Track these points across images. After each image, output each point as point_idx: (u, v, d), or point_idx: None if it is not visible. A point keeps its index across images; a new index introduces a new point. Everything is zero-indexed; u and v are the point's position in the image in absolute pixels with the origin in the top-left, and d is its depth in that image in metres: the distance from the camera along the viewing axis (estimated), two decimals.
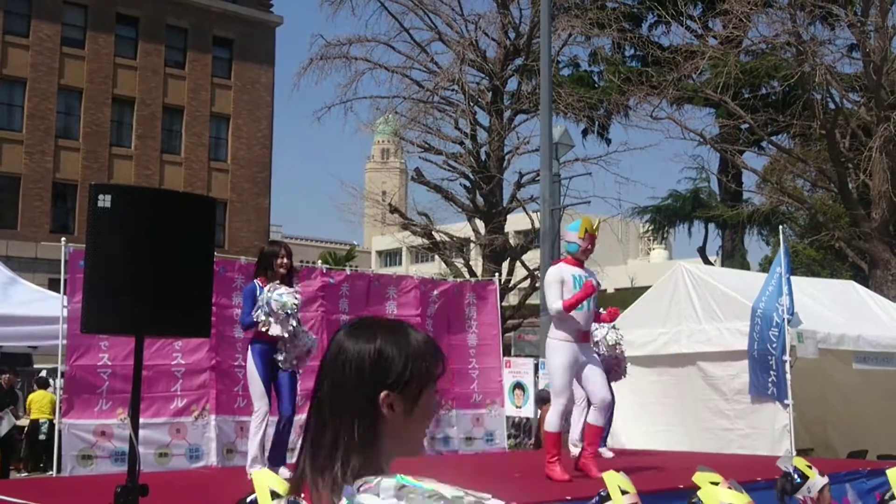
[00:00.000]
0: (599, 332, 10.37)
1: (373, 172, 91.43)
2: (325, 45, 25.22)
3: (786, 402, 11.03)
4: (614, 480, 4.29)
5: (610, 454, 10.37)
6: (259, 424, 7.83)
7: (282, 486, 3.21)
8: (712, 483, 4.05)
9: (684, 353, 12.58)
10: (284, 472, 7.78)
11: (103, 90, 36.67)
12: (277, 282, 7.89)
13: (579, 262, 7.91)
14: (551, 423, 7.83)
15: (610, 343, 10.52)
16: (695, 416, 12.47)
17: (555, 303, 7.71)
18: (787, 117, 20.84)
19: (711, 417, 12.25)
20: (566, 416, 7.96)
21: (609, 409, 8.16)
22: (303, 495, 1.74)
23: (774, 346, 11.06)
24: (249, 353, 7.98)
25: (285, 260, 8.01)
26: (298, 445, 1.81)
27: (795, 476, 5.02)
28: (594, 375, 7.88)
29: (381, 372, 1.73)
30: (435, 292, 12.49)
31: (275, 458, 7.94)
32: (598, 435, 8.22)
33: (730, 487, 4.02)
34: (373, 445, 1.71)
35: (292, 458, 8.27)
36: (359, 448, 1.70)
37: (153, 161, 37.54)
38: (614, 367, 10.52)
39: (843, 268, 30.39)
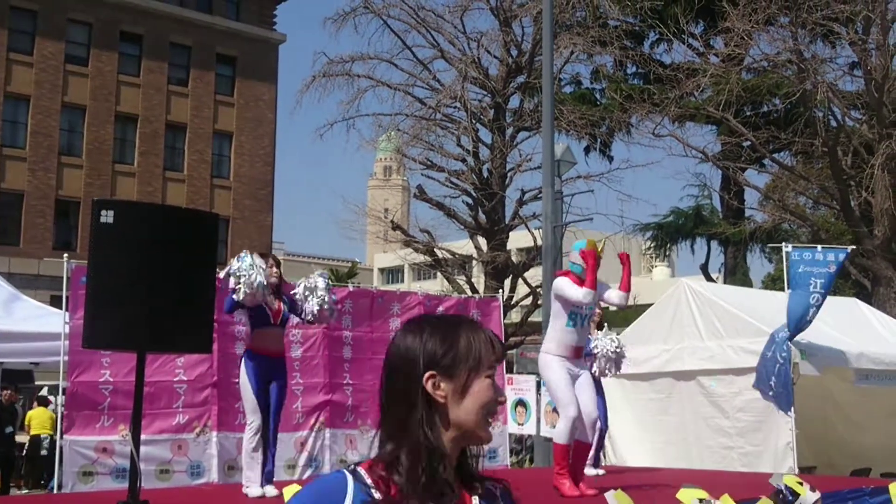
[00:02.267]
0: (600, 343, 10.33)
1: (375, 189, 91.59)
2: (328, 63, 25.28)
3: (789, 413, 10.98)
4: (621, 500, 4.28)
5: (601, 472, 10.27)
6: (251, 438, 7.80)
7: None
8: (700, 500, 4.05)
9: (686, 371, 12.55)
10: (271, 489, 7.77)
11: (106, 107, 36.78)
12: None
13: (582, 282, 7.93)
14: (560, 434, 7.79)
15: (612, 349, 10.47)
16: (696, 434, 12.44)
17: (579, 292, 7.71)
18: (788, 135, 20.86)
19: (712, 435, 12.22)
20: (576, 428, 7.90)
21: (594, 426, 8.10)
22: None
23: (784, 354, 11.01)
24: (242, 366, 7.96)
25: (274, 270, 8.04)
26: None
27: (787, 494, 5.02)
28: (583, 392, 7.88)
29: (427, 358, 1.79)
30: (440, 308, 12.50)
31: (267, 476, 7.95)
32: (582, 451, 8.15)
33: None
34: (427, 425, 1.77)
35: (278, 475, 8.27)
36: (414, 431, 1.76)
37: (156, 178, 37.60)
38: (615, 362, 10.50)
39: (846, 285, 30.34)
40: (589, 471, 9.51)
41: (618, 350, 10.46)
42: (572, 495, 7.49)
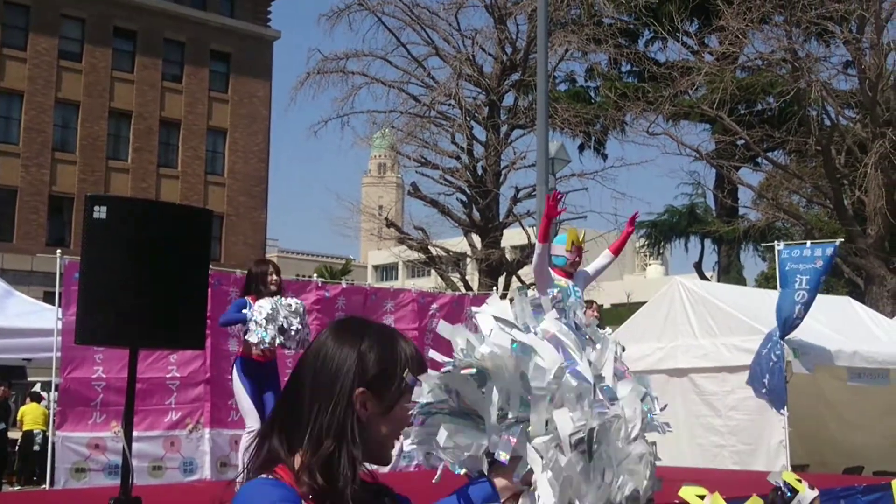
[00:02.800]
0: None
1: (369, 187, 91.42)
2: (323, 60, 25.29)
3: (782, 412, 11.00)
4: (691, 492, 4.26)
5: None
6: (250, 442, 7.78)
7: None
8: (699, 497, 4.04)
9: (680, 368, 12.56)
10: None
11: (100, 103, 36.69)
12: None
13: (568, 274, 7.93)
14: None
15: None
16: (688, 433, 12.44)
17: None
18: (782, 133, 20.89)
19: (703, 433, 12.22)
20: None
21: None
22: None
23: (777, 353, 11.03)
24: (234, 370, 7.94)
25: (275, 277, 8.03)
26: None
27: (786, 490, 5.02)
28: None
29: (362, 370, 1.74)
30: (434, 305, 12.49)
31: None
32: None
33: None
34: (341, 438, 1.71)
35: None
36: (329, 436, 1.70)
37: (150, 174, 37.53)
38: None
39: (839, 284, 30.40)
40: None
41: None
42: None
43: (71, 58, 36.32)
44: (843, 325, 13.08)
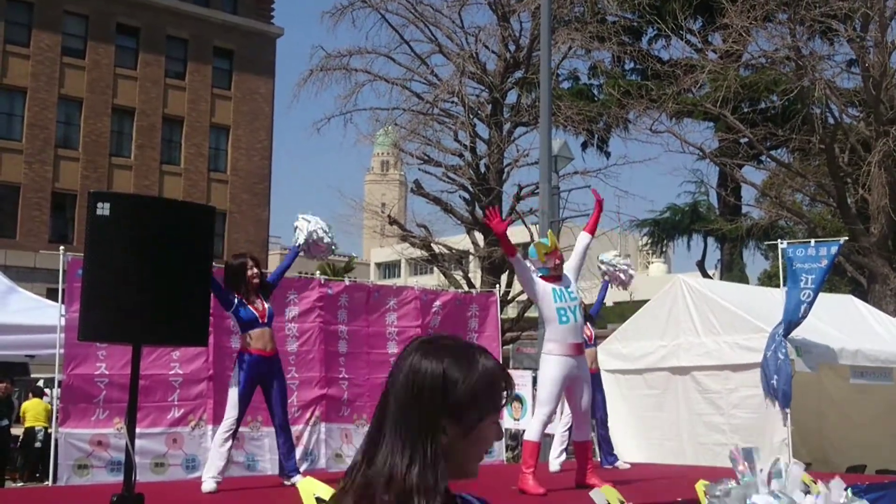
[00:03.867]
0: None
1: (372, 184, 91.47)
2: (326, 57, 25.27)
3: (786, 409, 11.01)
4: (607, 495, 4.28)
5: (626, 465, 10.48)
6: (225, 432, 7.87)
7: (327, 493, 3.17)
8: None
9: (682, 367, 12.56)
10: (299, 478, 7.79)
11: (103, 100, 36.71)
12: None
13: (556, 278, 7.96)
14: (532, 431, 7.82)
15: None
16: (690, 431, 12.44)
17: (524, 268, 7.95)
18: (786, 132, 20.87)
19: (706, 432, 12.22)
20: (546, 426, 8.02)
21: (587, 417, 8.14)
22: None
23: (783, 352, 11.04)
24: (236, 366, 8.04)
25: (255, 270, 8.08)
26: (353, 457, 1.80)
27: None
28: (581, 392, 7.93)
29: (443, 396, 1.72)
30: (437, 303, 12.49)
31: (288, 469, 8.15)
32: (587, 448, 8.24)
33: None
34: (431, 465, 1.70)
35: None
36: (418, 465, 1.69)
37: (152, 171, 37.55)
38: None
39: (842, 282, 30.37)
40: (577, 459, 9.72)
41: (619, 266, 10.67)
42: (537, 493, 7.49)
43: (74, 54, 36.34)
44: (846, 324, 13.08)
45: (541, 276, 7.99)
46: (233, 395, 7.94)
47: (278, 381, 8.18)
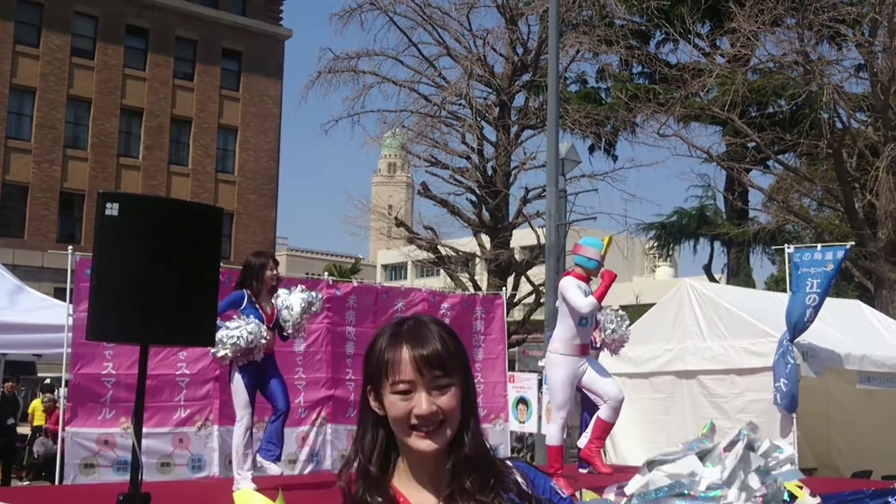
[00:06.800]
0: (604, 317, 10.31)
1: (379, 186, 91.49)
2: (334, 59, 25.31)
3: (793, 414, 10.99)
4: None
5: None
6: (243, 434, 7.78)
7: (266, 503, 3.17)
8: None
9: (688, 371, 12.55)
10: (274, 468, 7.76)
11: (112, 101, 36.79)
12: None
13: (587, 279, 7.95)
14: (553, 436, 7.84)
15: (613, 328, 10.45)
16: (696, 435, 12.41)
17: (583, 300, 7.68)
18: (793, 136, 20.85)
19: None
20: (566, 428, 8.01)
21: (620, 407, 8.08)
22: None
23: (791, 356, 11.02)
24: (232, 367, 7.93)
25: (274, 272, 8.00)
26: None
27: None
28: (601, 376, 7.92)
29: (364, 365, 1.84)
30: (445, 305, 12.51)
31: (268, 454, 7.94)
32: (607, 430, 8.19)
33: None
34: (360, 438, 1.81)
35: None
36: (367, 448, 1.79)
37: (160, 172, 37.62)
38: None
39: (849, 287, 30.31)
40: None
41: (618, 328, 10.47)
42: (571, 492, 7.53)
43: (83, 55, 36.43)
44: (852, 329, 13.06)
45: (577, 267, 7.96)
46: (241, 397, 7.83)
47: (275, 374, 8.10)
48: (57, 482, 9.59)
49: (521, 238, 30.23)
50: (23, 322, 11.26)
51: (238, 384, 7.84)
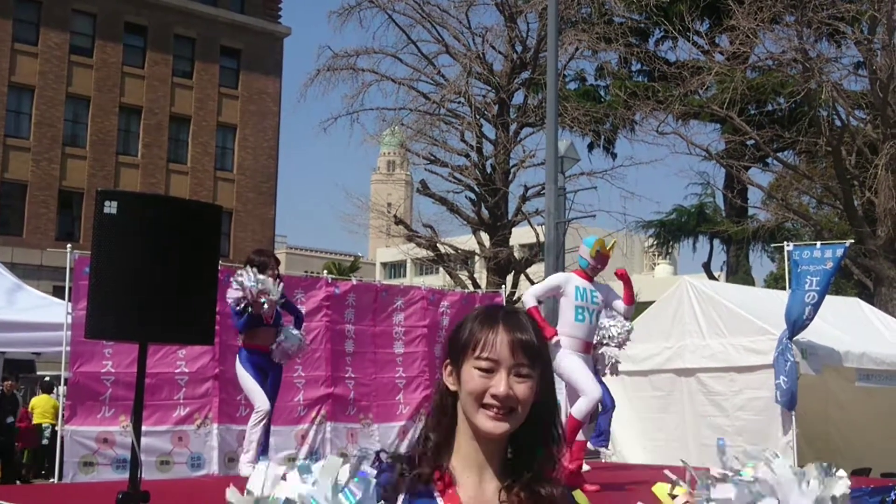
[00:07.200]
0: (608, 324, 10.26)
1: (378, 184, 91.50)
2: (333, 57, 25.32)
3: (791, 412, 11.00)
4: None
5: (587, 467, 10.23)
6: (258, 421, 7.94)
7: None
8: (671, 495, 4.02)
9: (687, 368, 12.55)
10: (247, 469, 7.85)
11: (111, 98, 36.77)
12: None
13: (589, 277, 7.97)
14: (580, 411, 7.60)
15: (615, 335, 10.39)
16: (695, 433, 12.43)
17: (529, 294, 7.93)
18: (793, 134, 20.83)
19: (711, 434, 12.20)
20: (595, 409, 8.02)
21: (595, 406, 8.01)
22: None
23: (791, 354, 11.03)
24: (238, 360, 8.11)
25: (275, 271, 8.13)
26: None
27: None
28: (589, 373, 7.97)
29: (446, 346, 1.91)
30: (444, 303, 12.51)
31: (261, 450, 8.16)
32: (581, 448, 8.15)
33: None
34: (450, 424, 1.84)
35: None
36: (439, 427, 1.85)
37: (159, 170, 37.61)
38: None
39: (848, 285, 30.32)
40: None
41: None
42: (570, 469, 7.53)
43: (82, 53, 36.40)
44: (851, 327, 13.06)
45: (576, 268, 8.04)
46: (250, 384, 8.04)
47: (274, 375, 8.26)
48: (56, 480, 9.59)
49: (521, 236, 30.23)
50: (22, 320, 11.25)
51: (244, 376, 8.05)
